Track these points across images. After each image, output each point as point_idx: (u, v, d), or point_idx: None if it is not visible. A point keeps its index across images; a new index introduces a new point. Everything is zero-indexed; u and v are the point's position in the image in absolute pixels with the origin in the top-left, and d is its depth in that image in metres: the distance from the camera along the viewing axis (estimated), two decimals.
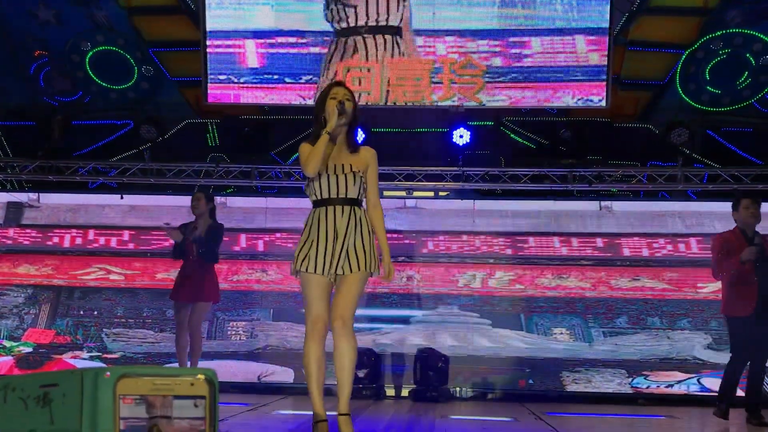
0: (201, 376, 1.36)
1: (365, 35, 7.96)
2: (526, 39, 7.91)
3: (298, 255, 3.67)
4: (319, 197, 3.70)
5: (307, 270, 3.63)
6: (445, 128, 8.43)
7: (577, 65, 7.91)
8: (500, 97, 8.02)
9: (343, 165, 3.71)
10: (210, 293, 6.51)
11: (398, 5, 7.89)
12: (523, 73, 7.99)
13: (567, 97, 7.98)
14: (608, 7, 7.72)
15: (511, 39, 7.93)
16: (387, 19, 7.94)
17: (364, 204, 3.79)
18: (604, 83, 7.88)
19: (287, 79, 8.18)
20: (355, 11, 7.92)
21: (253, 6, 8.05)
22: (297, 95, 8.23)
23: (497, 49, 7.94)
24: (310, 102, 8.25)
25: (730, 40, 8.32)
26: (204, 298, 6.46)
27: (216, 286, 6.60)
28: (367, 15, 7.94)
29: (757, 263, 5.43)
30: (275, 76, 8.19)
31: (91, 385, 1.37)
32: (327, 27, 8.05)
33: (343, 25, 7.97)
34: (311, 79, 8.15)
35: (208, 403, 1.35)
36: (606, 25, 7.75)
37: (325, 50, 8.08)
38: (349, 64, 8.02)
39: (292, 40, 8.12)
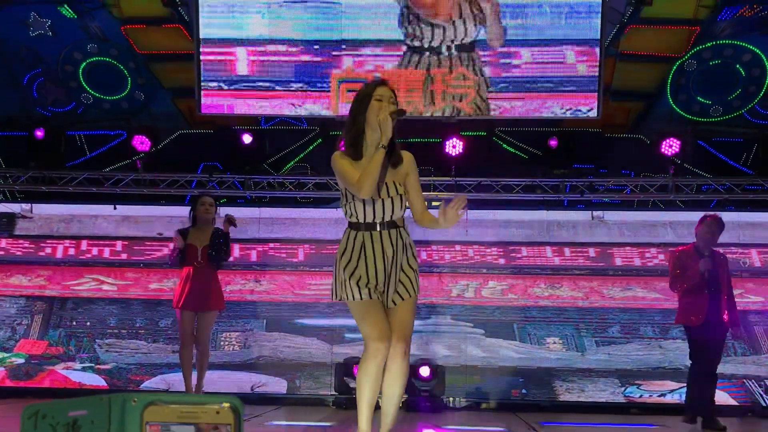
0: (226, 405, 1.38)
1: (445, 54, 7.96)
2: (515, 50, 7.97)
3: (347, 283, 3.37)
4: (363, 221, 3.40)
5: (362, 298, 3.36)
6: (438, 138, 8.47)
7: (567, 76, 7.96)
8: (490, 107, 8.07)
9: (387, 187, 3.38)
10: (220, 301, 6.32)
11: (474, 22, 7.91)
12: (512, 84, 8.04)
13: (556, 107, 8.03)
14: (599, 18, 7.77)
15: (501, 49, 7.98)
16: (463, 39, 7.95)
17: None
18: (594, 94, 7.93)
19: (278, 87, 8.20)
20: (436, 30, 7.92)
21: (244, 14, 8.08)
22: (288, 103, 8.25)
23: (487, 59, 7.99)
24: (302, 112, 8.27)
25: (721, 50, 8.39)
26: (215, 306, 6.23)
27: (222, 293, 6.41)
28: (454, 35, 7.92)
29: (709, 274, 5.79)
30: (266, 84, 8.21)
31: (118, 412, 1.39)
32: (317, 36, 8.06)
33: (416, 43, 7.97)
34: (302, 87, 8.17)
35: None
36: (597, 36, 7.81)
37: (318, 59, 8.10)
38: (344, 75, 8.05)
39: (282, 48, 8.14)
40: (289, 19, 8.09)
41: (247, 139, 8.54)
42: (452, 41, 7.94)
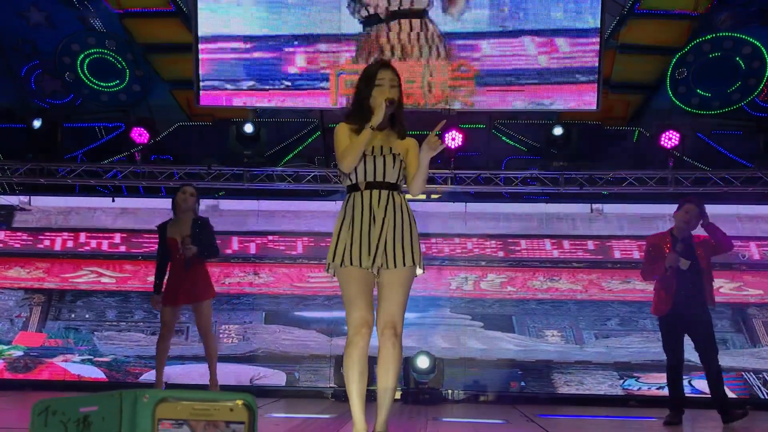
0: (240, 402, 1.35)
1: (390, 22, 7.89)
2: (474, 42, 7.95)
3: (335, 248, 3.33)
4: (354, 180, 3.39)
5: (342, 263, 3.29)
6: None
7: (525, 68, 7.97)
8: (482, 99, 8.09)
9: (381, 147, 3.42)
10: (209, 289, 6.00)
11: None
12: (504, 75, 8.03)
13: (517, 102, 8.06)
14: (599, 10, 7.74)
15: (461, 42, 7.97)
16: (411, 2, 7.88)
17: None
18: (553, 86, 7.94)
19: (228, 86, 8.14)
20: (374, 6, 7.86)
21: (233, 7, 8.03)
22: (241, 101, 8.24)
23: (477, 54, 8.00)
24: (267, 105, 8.24)
25: (720, 43, 8.37)
26: (205, 296, 5.91)
27: (210, 280, 6.07)
28: (388, 1, 7.86)
29: (674, 270, 5.50)
30: (215, 83, 8.15)
31: (129, 409, 1.36)
32: (269, 32, 7.96)
33: (364, 14, 7.90)
34: (253, 85, 8.11)
35: (246, 430, 1.35)
36: (597, 25, 7.78)
37: (269, 55, 8.03)
38: (343, 67, 8.02)
39: (235, 45, 8.05)
40: (239, 15, 8.00)
41: (248, 128, 8.44)
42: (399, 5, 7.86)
